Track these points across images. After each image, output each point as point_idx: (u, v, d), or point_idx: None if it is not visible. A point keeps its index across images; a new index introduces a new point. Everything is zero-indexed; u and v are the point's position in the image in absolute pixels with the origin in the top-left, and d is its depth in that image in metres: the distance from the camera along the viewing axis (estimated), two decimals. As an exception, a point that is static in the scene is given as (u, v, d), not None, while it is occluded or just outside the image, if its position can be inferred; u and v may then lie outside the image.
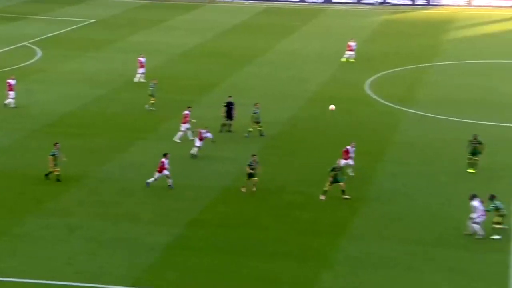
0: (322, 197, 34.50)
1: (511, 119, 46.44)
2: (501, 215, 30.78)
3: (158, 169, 35.52)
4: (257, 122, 43.52)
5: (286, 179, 37.34)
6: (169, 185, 35.55)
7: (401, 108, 49.24)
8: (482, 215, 30.59)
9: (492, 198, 31.17)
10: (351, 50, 61.63)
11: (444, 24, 78.49)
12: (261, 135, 43.34)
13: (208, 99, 50.80)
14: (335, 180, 34.51)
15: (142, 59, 54.94)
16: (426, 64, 61.21)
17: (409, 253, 29.64)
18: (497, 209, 30.79)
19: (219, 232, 31.43)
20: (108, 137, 43.20)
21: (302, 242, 30.60)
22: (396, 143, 42.86)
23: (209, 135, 40.07)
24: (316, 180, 35.93)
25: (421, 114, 47.89)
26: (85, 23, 77.79)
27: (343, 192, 34.49)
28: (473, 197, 30.91)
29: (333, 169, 34.61)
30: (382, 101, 50.67)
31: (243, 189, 35.04)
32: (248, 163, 34.94)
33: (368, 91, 53.58)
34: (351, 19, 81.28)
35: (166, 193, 35.40)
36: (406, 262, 28.97)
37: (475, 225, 30.57)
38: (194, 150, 39.81)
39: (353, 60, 61.20)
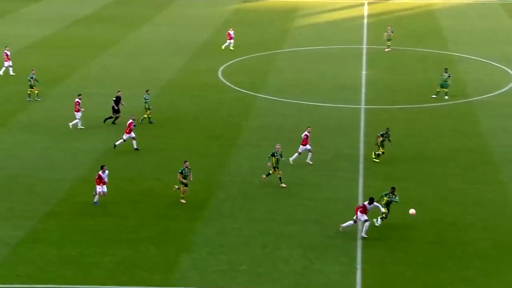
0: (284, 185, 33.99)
1: (354, 100, 48.01)
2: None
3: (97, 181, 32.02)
4: (148, 109, 43.01)
5: (143, 167, 36.72)
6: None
7: (253, 93, 49.68)
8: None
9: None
10: (230, 38, 62.00)
11: (290, 13, 79.94)
12: (150, 122, 42.78)
13: (58, 91, 49.05)
14: (276, 166, 33.99)
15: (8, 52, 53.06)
16: (275, 51, 62.09)
17: (264, 232, 29.93)
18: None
19: (76, 223, 30.41)
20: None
21: (161, 228, 30.19)
22: (249, 127, 43.19)
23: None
24: (172, 167, 35.53)
25: (272, 99, 48.56)
26: None
27: (280, 179, 34.08)
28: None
29: (273, 154, 34.14)
30: (235, 87, 50.91)
31: (183, 201, 32.25)
32: (180, 171, 32.09)
33: (221, 78, 53.67)
34: (203, 9, 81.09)
35: (19, 187, 33.83)
36: (262, 240, 29.23)
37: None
38: (119, 142, 38.55)
39: (232, 48, 61.31)
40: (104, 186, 31.99)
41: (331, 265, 27.23)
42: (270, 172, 34.14)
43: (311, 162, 36.88)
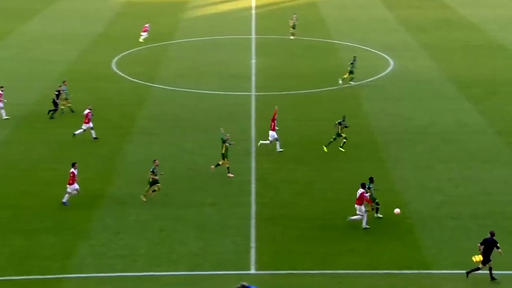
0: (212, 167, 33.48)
1: (245, 88, 48.46)
2: None
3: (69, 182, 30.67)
4: (66, 99, 42.02)
5: (39, 156, 35.79)
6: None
7: (147, 83, 49.23)
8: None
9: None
10: (145, 31, 61.18)
11: (181, 5, 79.53)
12: (72, 111, 41.96)
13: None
14: (225, 154, 33.44)
15: None
16: (168, 42, 61.70)
17: (161, 216, 29.85)
18: None
19: (-28, 216, 29.33)
20: None
21: (59, 217, 29.54)
22: (145, 116, 42.79)
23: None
24: (68, 155, 34.81)
25: (166, 88, 48.30)
26: None
27: (228, 169, 33.64)
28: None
29: (224, 141, 33.61)
30: (129, 78, 50.26)
31: (144, 198, 30.83)
32: (151, 170, 30.95)
33: (115, 69, 52.85)
34: (94, 2, 79.37)
35: None
36: (159, 224, 29.15)
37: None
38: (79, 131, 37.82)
39: (142, 41, 60.49)
40: (76, 185, 30.68)
41: (227, 245, 27.50)
42: (220, 163, 33.69)
43: (281, 149, 36.64)
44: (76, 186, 30.64)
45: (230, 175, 33.66)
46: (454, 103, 44.75)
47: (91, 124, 38.09)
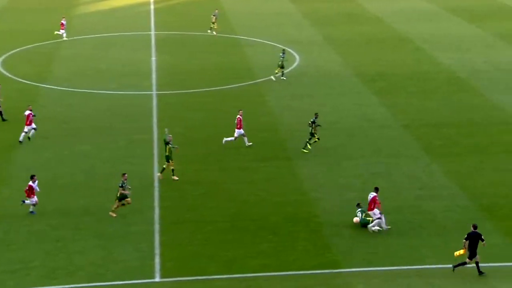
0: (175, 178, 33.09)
1: (145, 87, 47.98)
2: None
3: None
4: None
5: None
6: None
7: (38, 84, 47.96)
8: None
9: None
10: (63, 28, 59.74)
11: (71, 0, 77.93)
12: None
13: None
14: (169, 157, 33.09)
15: None
16: (59, 40, 60.27)
17: (57, 226, 29.11)
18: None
19: None
20: None
21: None
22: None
23: None
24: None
25: (58, 89, 47.19)
26: None
27: (173, 171, 33.37)
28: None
29: (167, 143, 33.06)
30: (18, 78, 48.80)
31: (113, 214, 29.75)
32: (120, 184, 29.80)
33: (0, 69, 51.20)
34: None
35: None
36: (55, 234, 28.41)
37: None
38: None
39: (66, 38, 59.24)
40: (35, 197, 29.76)
41: (130, 253, 27.13)
42: (164, 166, 33.25)
43: (250, 143, 36.83)
44: (32, 200, 29.85)
45: (175, 177, 33.36)
46: (361, 98, 45.88)
47: (33, 125, 37.44)
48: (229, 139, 37.19)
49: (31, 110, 37.85)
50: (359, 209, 29.19)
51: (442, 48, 57.71)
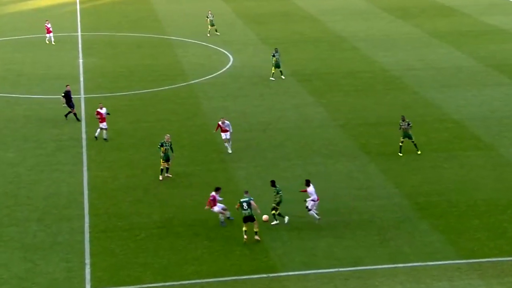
0: (160, 177, 32.99)
1: (72, 90, 47.15)
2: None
3: None
4: None
5: None
6: None
7: (-43, 89, 46.72)
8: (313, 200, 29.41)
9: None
10: (49, 32, 58.30)
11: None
12: None
13: None
14: (166, 157, 33.03)
15: None
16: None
17: (-20, 237, 28.37)
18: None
19: None
20: None
21: None
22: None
23: None
24: None
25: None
26: None
27: (167, 170, 33.48)
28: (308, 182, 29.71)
29: (162, 145, 32.78)
30: None
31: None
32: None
33: None
34: None
35: None
36: (-23, 246, 27.70)
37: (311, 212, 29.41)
38: None
39: (54, 43, 58.04)
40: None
41: (57, 264, 26.56)
42: (162, 167, 33.39)
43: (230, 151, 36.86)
44: None
45: (169, 175, 33.91)
46: (297, 98, 46.14)
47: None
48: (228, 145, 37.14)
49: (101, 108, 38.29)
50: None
51: (376, 47, 58.60)
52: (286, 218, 29.59)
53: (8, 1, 76.38)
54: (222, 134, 37.01)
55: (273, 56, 49.40)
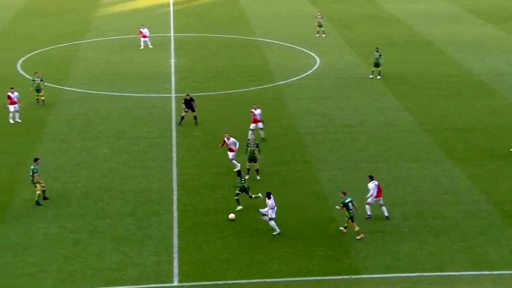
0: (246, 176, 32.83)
1: (164, 89, 48.08)
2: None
3: None
4: (38, 91, 43.28)
5: None
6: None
7: (57, 86, 48.20)
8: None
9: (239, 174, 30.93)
10: (144, 36, 58.26)
11: (92, 1, 78.40)
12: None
13: None
14: (251, 157, 33.20)
15: None
16: (78, 41, 60.63)
17: (74, 229, 29.17)
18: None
19: None
20: None
21: (-40, 233, 28.55)
22: (54, 121, 41.86)
23: None
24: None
25: (77, 91, 47.41)
26: None
27: (257, 171, 33.56)
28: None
29: (247, 145, 33.14)
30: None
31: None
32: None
33: (20, 71, 51.53)
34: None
35: None
36: (72, 237, 28.48)
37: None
38: None
39: (151, 47, 58.24)
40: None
41: (147, 257, 27.12)
42: (248, 167, 33.54)
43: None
44: None
45: (258, 177, 33.80)
46: (382, 101, 45.62)
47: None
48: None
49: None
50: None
51: (464, 51, 57.30)
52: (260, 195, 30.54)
53: (107, 3, 78.43)
54: (229, 153, 35.02)
55: (377, 56, 49.44)
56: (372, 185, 29.96)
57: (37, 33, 62.06)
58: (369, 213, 29.95)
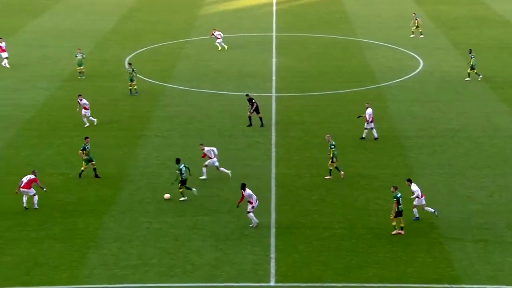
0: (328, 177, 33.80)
1: (265, 88, 48.33)
2: None
3: None
4: (131, 80, 45.71)
5: (46, 161, 35.91)
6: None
7: (161, 83, 49.30)
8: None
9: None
10: (218, 38, 58.87)
11: (197, 0, 79.68)
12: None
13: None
14: (334, 157, 33.80)
15: (2, 44, 52.47)
16: (183, 40, 61.78)
17: (175, 224, 29.76)
18: None
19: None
20: None
21: (66, 224, 29.56)
22: (158, 117, 42.82)
23: None
24: (74, 161, 34.94)
25: (181, 88, 48.31)
26: None
27: (337, 169, 34.00)
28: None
29: (332, 146, 33.83)
30: (143, 77, 50.29)
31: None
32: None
33: (127, 67, 52.94)
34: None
35: None
36: (173, 232, 29.06)
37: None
38: None
39: (225, 47, 58.36)
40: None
41: (245, 255, 27.33)
42: (336, 166, 33.90)
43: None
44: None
45: (341, 173, 33.92)
46: (488, 105, 44.30)
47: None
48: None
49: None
50: None
51: None
52: (194, 190, 31.38)
53: (211, 2, 79.56)
54: (210, 161, 34.07)
55: (472, 57, 48.35)
56: (415, 187, 29.66)
57: (145, 30, 63.62)
58: (417, 215, 29.71)
